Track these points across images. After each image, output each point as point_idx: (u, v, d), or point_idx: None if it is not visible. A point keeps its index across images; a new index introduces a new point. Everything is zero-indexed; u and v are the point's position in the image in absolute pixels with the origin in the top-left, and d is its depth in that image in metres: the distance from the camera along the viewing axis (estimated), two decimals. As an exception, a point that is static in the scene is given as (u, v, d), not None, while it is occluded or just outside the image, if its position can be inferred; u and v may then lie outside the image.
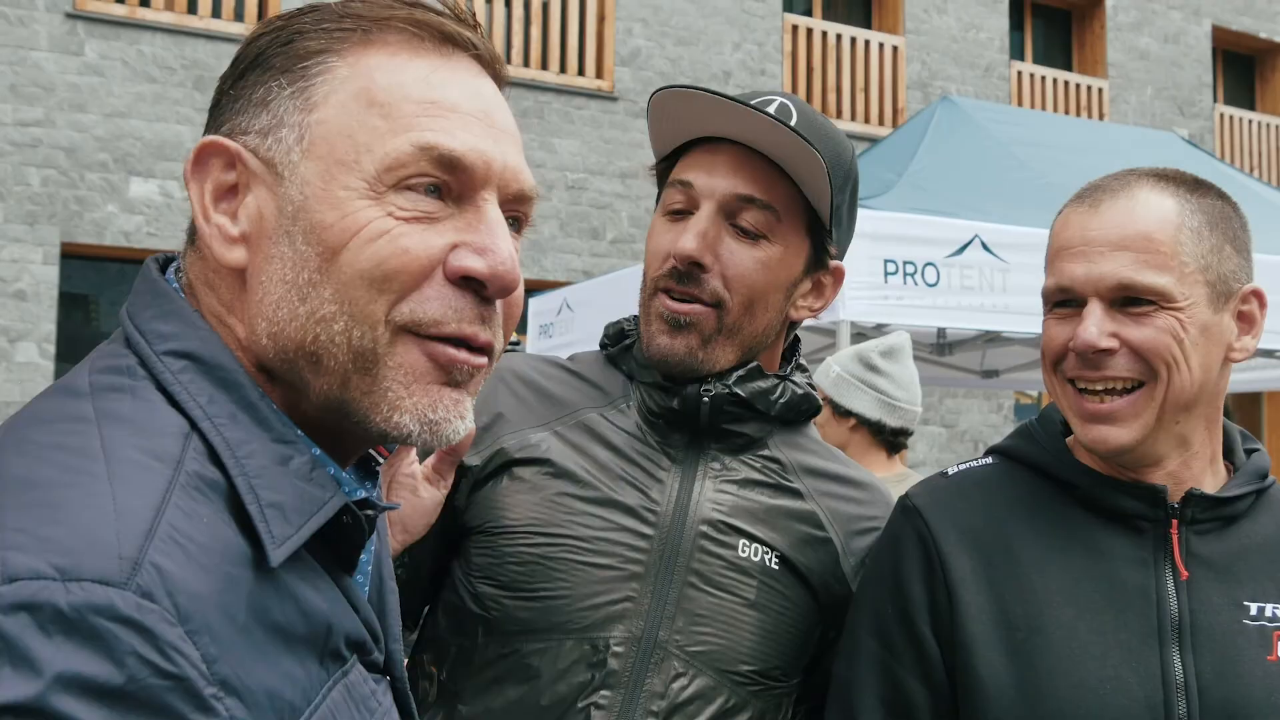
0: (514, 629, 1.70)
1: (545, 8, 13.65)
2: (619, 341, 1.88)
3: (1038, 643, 1.60)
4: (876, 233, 5.58)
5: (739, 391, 1.77)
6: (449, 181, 1.02)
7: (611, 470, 1.76)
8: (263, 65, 1.05)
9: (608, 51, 13.79)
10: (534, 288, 12.04)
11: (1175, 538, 1.64)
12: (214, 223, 1.03)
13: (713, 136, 1.76)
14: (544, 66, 13.54)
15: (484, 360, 1.05)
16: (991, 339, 6.86)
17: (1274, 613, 1.61)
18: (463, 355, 1.02)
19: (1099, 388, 1.62)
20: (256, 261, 1.01)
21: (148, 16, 11.55)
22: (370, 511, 1.06)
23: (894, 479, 3.96)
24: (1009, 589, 1.64)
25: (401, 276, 0.99)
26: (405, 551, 1.71)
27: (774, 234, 1.73)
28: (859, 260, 5.52)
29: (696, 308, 1.72)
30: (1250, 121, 18.48)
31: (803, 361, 1.94)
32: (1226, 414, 1.79)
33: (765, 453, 1.83)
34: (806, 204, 1.75)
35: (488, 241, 1.02)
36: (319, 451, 1.03)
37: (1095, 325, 1.59)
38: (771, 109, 1.72)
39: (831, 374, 4.12)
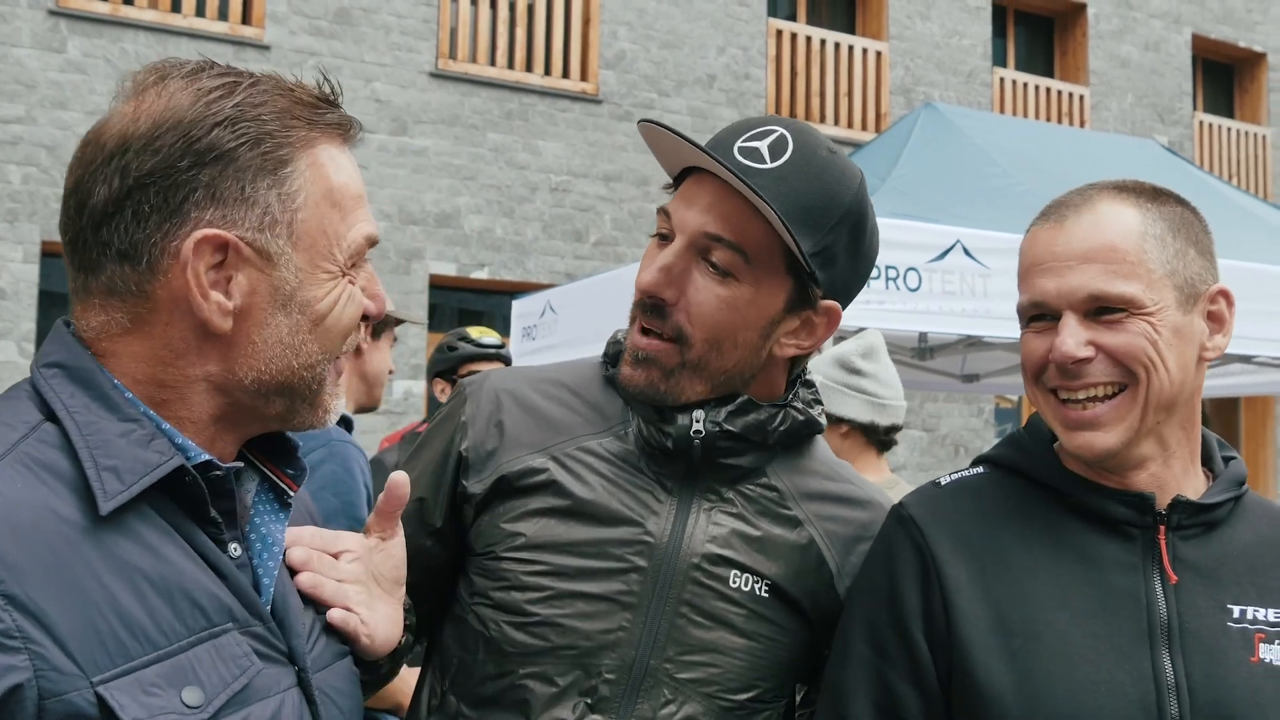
0: (511, 650, 1.73)
1: (530, 9, 13.65)
2: (618, 363, 1.85)
3: (1033, 647, 1.63)
4: (859, 237, 5.60)
5: (731, 428, 1.76)
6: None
7: (609, 501, 1.76)
8: (236, 162, 1.27)
9: (592, 54, 13.80)
10: (517, 289, 12.04)
11: (1163, 543, 1.67)
12: (213, 301, 1.27)
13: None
14: (528, 69, 13.55)
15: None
16: (972, 344, 6.88)
17: (1255, 615, 1.65)
18: (344, 362, 1.43)
19: (1080, 396, 1.66)
20: (245, 326, 1.30)
21: (131, 14, 11.53)
22: (218, 473, 1.29)
23: (884, 485, 3.97)
24: (1003, 595, 1.67)
25: (356, 325, 1.41)
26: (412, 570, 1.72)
27: (743, 275, 1.71)
28: (842, 264, 5.53)
29: (656, 343, 1.74)
30: (1229, 129, 18.59)
31: (809, 377, 1.92)
32: (1205, 420, 1.82)
33: (763, 481, 1.82)
34: (785, 244, 1.71)
35: (377, 289, 1.44)
36: (168, 426, 1.28)
37: (1072, 337, 1.64)
38: (767, 141, 1.72)
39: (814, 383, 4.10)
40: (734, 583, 1.76)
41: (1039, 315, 1.71)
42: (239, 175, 1.27)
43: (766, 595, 1.77)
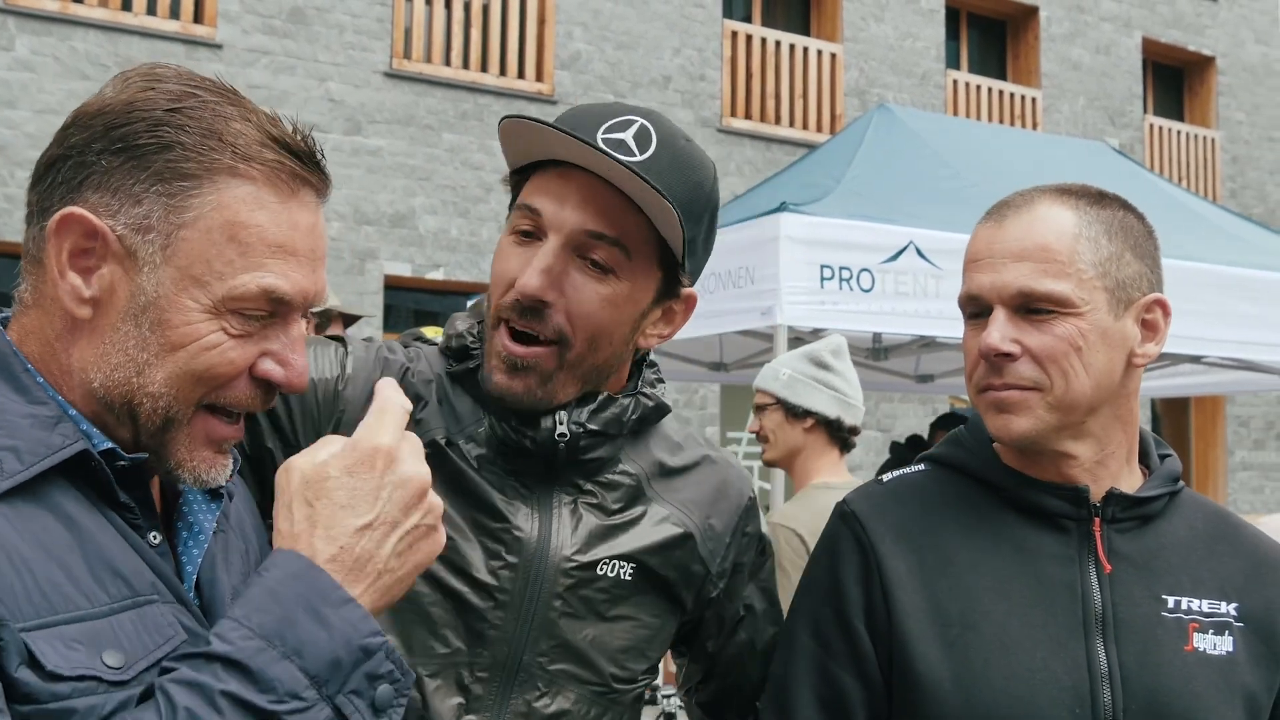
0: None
1: (485, 10, 13.61)
2: (462, 360, 1.79)
3: (971, 637, 1.68)
4: (813, 238, 5.63)
5: (593, 426, 1.75)
6: (273, 311, 1.30)
7: (474, 498, 1.72)
8: (138, 158, 1.25)
9: (548, 55, 13.78)
10: (473, 290, 11.99)
11: (1098, 535, 1.73)
12: (69, 282, 1.25)
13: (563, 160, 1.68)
14: (484, 69, 13.50)
15: (241, 430, 1.36)
16: (926, 344, 6.93)
17: (1189, 605, 1.71)
18: (231, 431, 1.34)
19: (1001, 389, 1.72)
20: (101, 323, 1.26)
21: (81, 13, 11.40)
22: (123, 463, 1.27)
23: (845, 486, 3.97)
24: (943, 587, 1.72)
25: (221, 379, 1.28)
26: None
27: (623, 270, 1.68)
28: (796, 266, 5.56)
29: (536, 350, 1.68)
30: (1179, 132, 18.81)
31: (651, 358, 1.92)
32: (1155, 419, 1.86)
33: (619, 468, 1.81)
34: (659, 235, 1.69)
35: (291, 356, 1.32)
36: (74, 412, 1.27)
37: (998, 330, 1.69)
38: (630, 132, 1.68)
39: (782, 376, 4.09)
40: (601, 570, 1.75)
41: (976, 313, 1.77)
42: (135, 172, 1.25)
43: (630, 579, 1.78)
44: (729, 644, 1.97)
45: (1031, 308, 1.69)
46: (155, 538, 1.32)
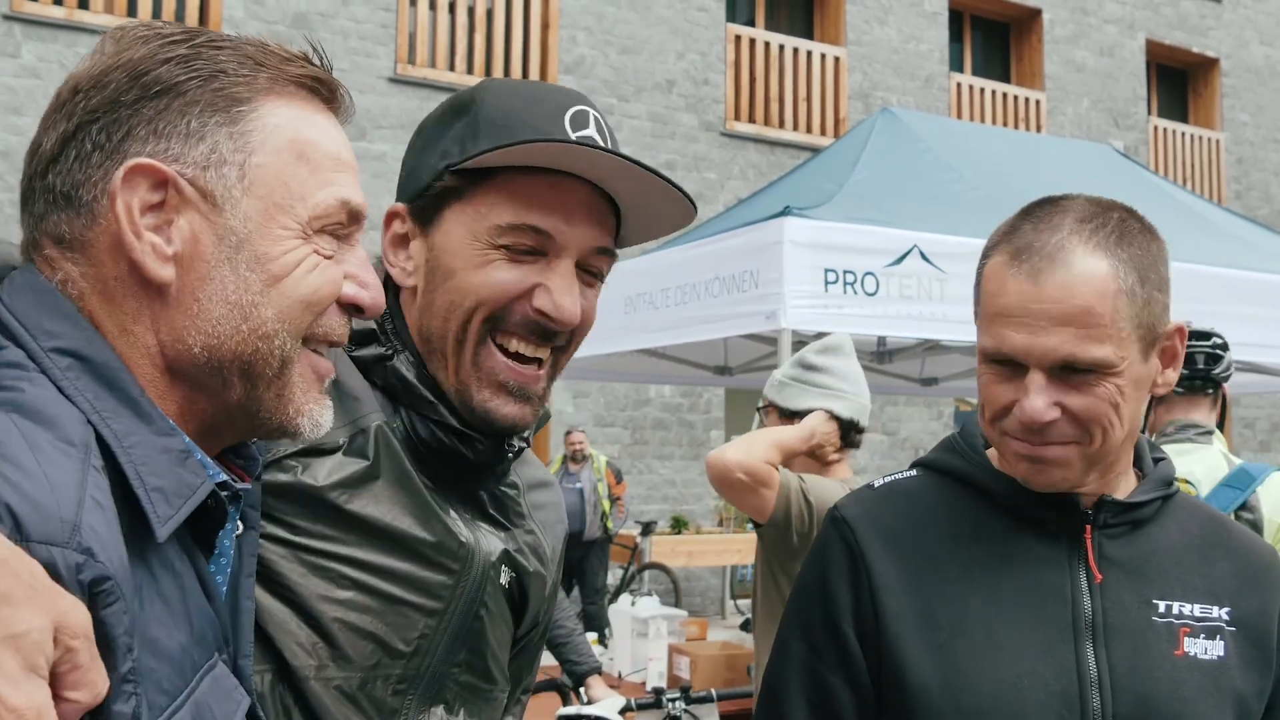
0: (305, 662, 1.49)
1: (489, 14, 13.63)
2: (365, 344, 1.61)
3: (958, 642, 1.68)
4: (817, 242, 5.64)
5: (529, 437, 1.68)
6: (347, 226, 1.25)
7: (415, 498, 1.57)
8: (184, 96, 1.14)
9: (551, 59, 13.79)
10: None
11: (1089, 541, 1.73)
12: (146, 241, 1.11)
13: (557, 169, 1.55)
14: (488, 73, 13.51)
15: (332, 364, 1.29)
16: (930, 347, 6.94)
17: (1180, 610, 1.71)
18: (329, 365, 1.26)
19: (1038, 443, 1.67)
20: (189, 280, 1.13)
21: (87, 19, 11.43)
22: (226, 493, 1.17)
23: (849, 484, 3.95)
24: (932, 592, 1.73)
25: (327, 301, 1.21)
26: None
27: (605, 275, 1.62)
28: (800, 269, 5.57)
29: (538, 372, 1.58)
30: (1183, 134, 18.81)
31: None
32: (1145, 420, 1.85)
33: (511, 479, 1.73)
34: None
35: (368, 277, 1.26)
36: (189, 441, 1.14)
37: (1041, 398, 1.62)
38: (594, 127, 1.58)
39: (775, 381, 4.10)
40: (503, 579, 1.66)
41: (1003, 363, 1.68)
42: (185, 109, 1.14)
43: (507, 585, 1.68)
44: (514, 691, 1.83)
45: (1071, 369, 1.63)
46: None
